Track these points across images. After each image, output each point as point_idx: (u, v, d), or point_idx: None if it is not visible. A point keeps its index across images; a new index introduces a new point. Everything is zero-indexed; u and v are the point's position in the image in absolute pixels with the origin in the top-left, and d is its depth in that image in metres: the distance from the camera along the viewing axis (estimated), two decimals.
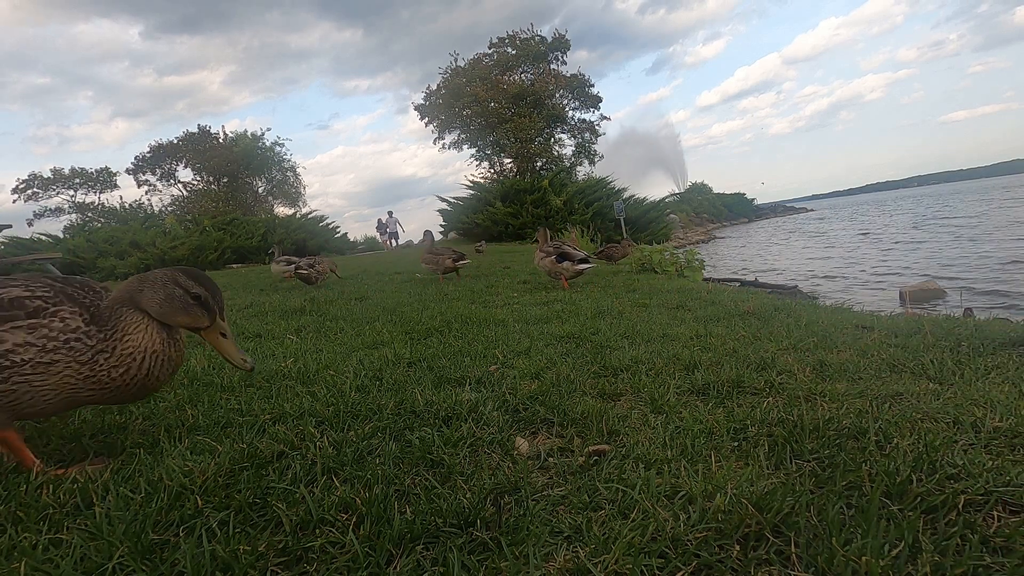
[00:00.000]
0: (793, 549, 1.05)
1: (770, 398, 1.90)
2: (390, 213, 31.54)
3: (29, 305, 1.50)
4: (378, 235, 31.04)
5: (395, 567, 1.09)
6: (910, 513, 1.14)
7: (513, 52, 33.06)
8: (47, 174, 34.03)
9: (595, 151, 34.21)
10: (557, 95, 33.05)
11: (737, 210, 68.16)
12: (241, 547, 1.13)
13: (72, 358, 1.49)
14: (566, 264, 5.41)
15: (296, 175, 37.94)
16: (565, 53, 33.77)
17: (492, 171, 33.04)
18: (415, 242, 29.26)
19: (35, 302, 1.51)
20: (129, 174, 35.91)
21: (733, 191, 74.95)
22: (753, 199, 78.20)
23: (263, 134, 35.77)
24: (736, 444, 1.55)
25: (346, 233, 25.85)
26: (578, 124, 34.27)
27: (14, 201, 33.91)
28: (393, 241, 30.66)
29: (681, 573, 1.02)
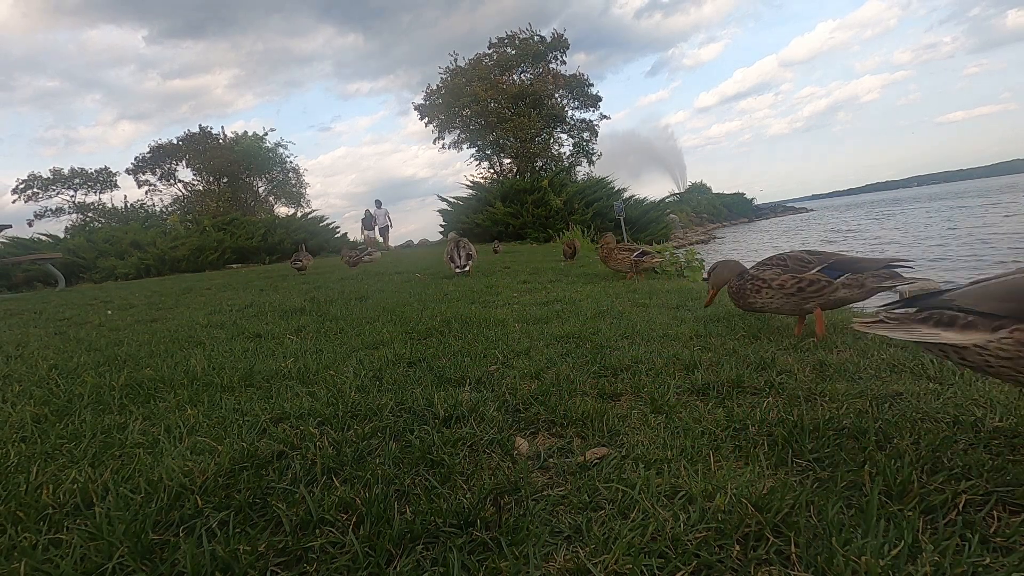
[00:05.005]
0: (793, 549, 1.05)
1: (770, 398, 1.90)
2: (378, 203, 24.94)
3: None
4: (362, 232, 24.84)
5: (395, 567, 1.09)
6: (910, 513, 1.14)
7: (512, 52, 33.07)
8: (47, 174, 34.07)
9: (594, 150, 34.24)
10: (557, 95, 33.07)
11: (737, 210, 68.21)
12: (241, 547, 1.13)
13: None
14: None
15: (298, 175, 37.94)
16: (564, 53, 33.79)
17: (492, 171, 33.02)
18: (415, 242, 29.00)
19: None
20: (129, 174, 35.99)
21: (732, 191, 75.11)
22: (753, 199, 78.29)
23: (266, 134, 35.81)
24: (736, 444, 1.55)
25: (346, 233, 25.71)
26: (577, 124, 34.29)
27: (14, 201, 33.95)
28: (386, 239, 24.89)
29: (681, 573, 1.02)
